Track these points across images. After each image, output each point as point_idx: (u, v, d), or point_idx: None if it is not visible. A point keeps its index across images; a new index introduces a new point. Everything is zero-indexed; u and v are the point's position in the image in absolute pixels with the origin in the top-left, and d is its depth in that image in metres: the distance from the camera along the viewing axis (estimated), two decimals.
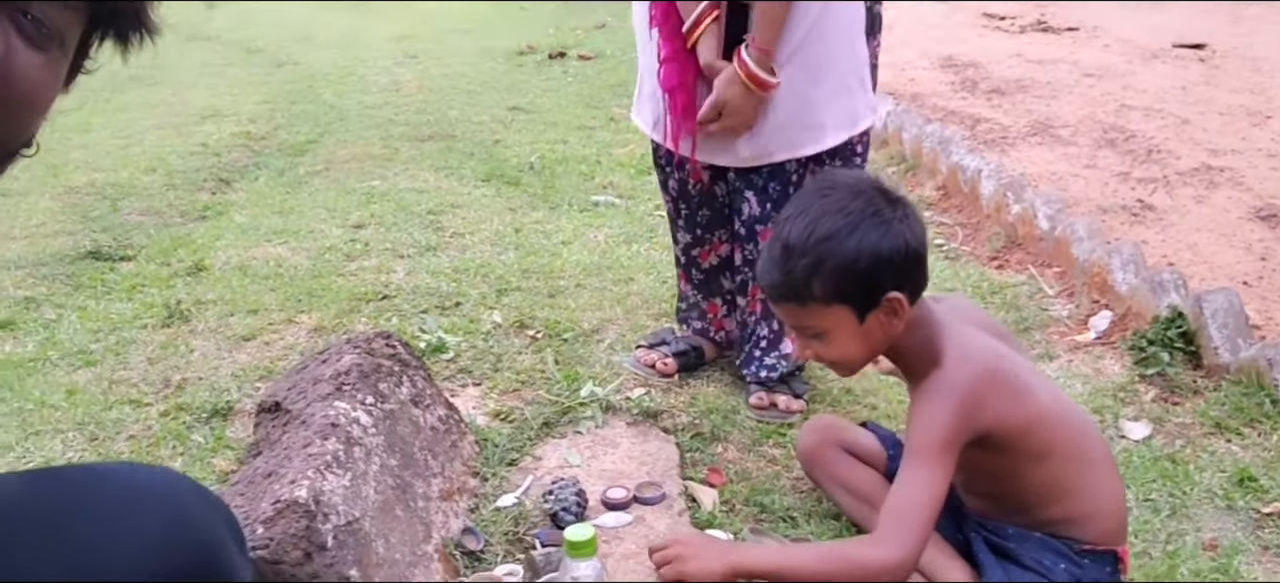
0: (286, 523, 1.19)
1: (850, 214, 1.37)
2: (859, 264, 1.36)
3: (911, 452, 1.41)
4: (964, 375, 1.40)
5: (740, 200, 2.02)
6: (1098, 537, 1.48)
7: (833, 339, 1.43)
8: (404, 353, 1.66)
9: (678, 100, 1.96)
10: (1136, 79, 5.05)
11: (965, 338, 1.47)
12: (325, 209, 3.45)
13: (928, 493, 1.37)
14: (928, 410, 1.41)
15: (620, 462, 1.82)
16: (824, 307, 1.40)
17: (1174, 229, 3.25)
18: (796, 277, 1.39)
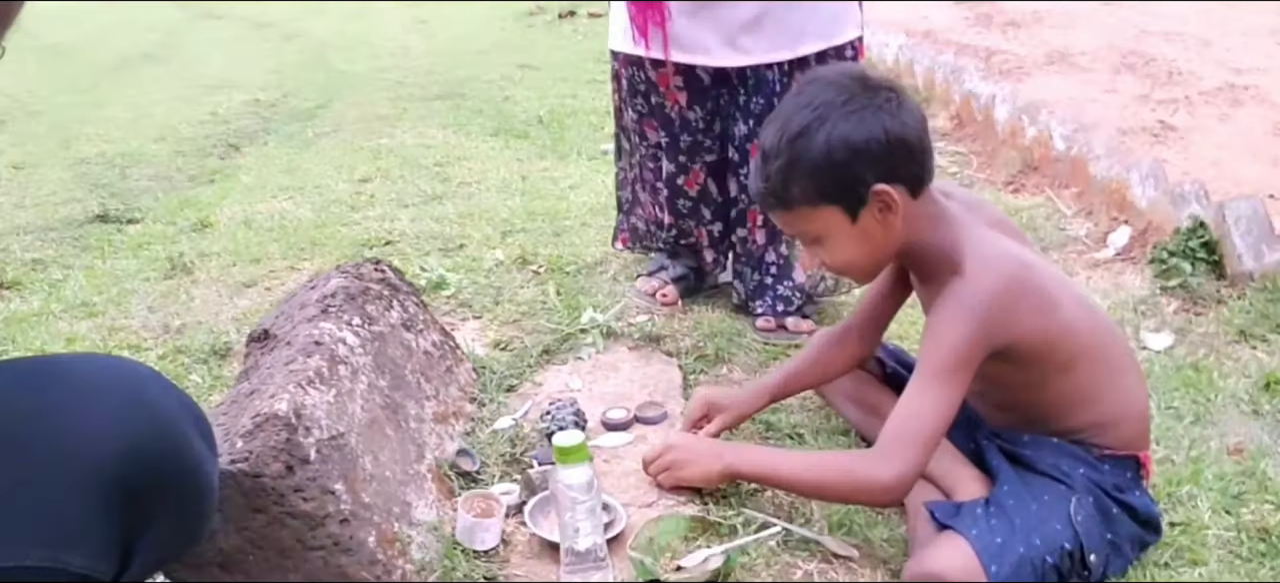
0: (266, 436, 1.17)
1: (819, 107, 1.29)
2: (832, 157, 1.28)
3: (924, 367, 1.32)
4: (985, 287, 1.31)
5: (731, 123, 1.97)
6: (1119, 442, 1.41)
7: (830, 243, 1.36)
8: (394, 279, 1.64)
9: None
10: (1156, 5, 4.92)
11: (986, 243, 1.37)
12: (332, 166, 3.43)
13: (936, 412, 1.30)
14: (944, 324, 1.32)
15: (622, 385, 1.79)
16: (810, 209, 1.33)
17: (1196, 147, 3.16)
18: (775, 181, 1.32)
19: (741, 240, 2.07)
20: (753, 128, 1.92)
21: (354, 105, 4.58)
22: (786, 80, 1.90)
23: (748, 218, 2.04)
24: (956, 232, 1.35)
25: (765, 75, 1.91)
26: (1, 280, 2.45)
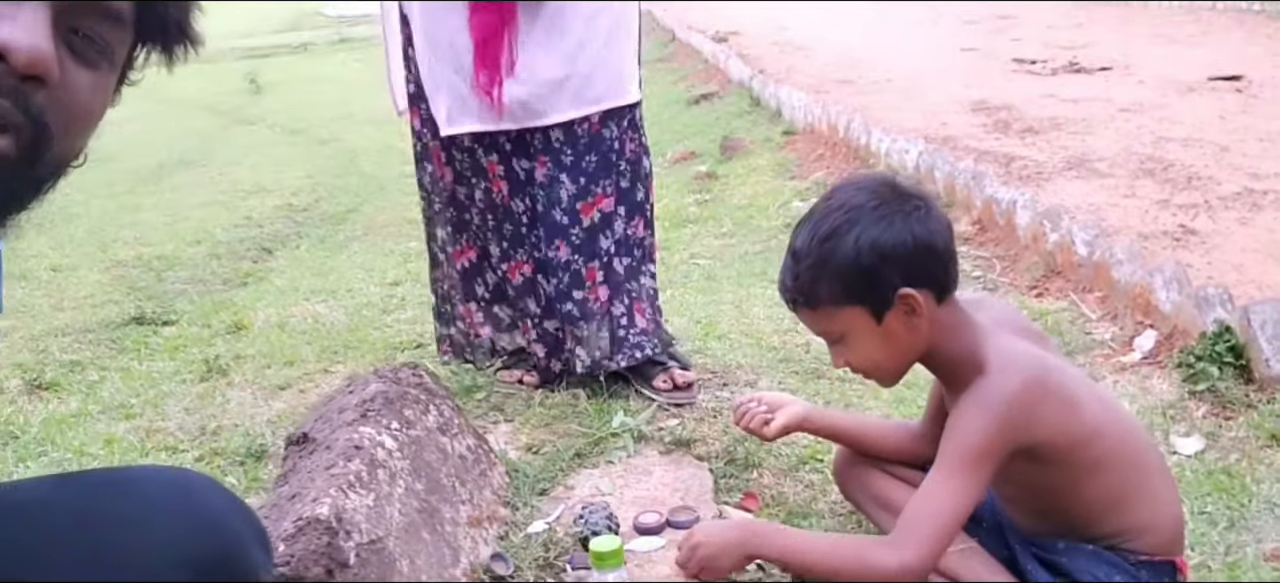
0: (308, 540, 1.18)
1: (851, 211, 1.33)
2: (861, 261, 1.32)
3: (944, 458, 1.34)
4: (1009, 385, 1.33)
5: (556, 188, 2.05)
6: (1154, 548, 1.40)
7: (855, 343, 1.39)
8: (431, 383, 1.67)
9: (491, 50, 1.95)
10: (1173, 111, 5.00)
11: (1010, 346, 1.40)
12: (363, 270, 3.50)
13: (953, 503, 1.31)
14: (966, 418, 1.34)
15: (654, 489, 1.80)
16: (836, 309, 1.36)
17: (1218, 251, 3.17)
18: (804, 280, 1.36)
19: (579, 303, 2.10)
20: (584, 185, 2.04)
21: (383, 209, 4.69)
22: (620, 138, 2.05)
23: (585, 278, 2.09)
24: (980, 337, 1.38)
25: (600, 134, 2.03)
26: (40, 382, 2.50)
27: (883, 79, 6.72)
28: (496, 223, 2.14)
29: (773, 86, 6.41)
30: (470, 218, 2.19)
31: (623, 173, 2.10)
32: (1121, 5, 8.90)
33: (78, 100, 0.77)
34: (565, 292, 2.10)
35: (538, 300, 2.17)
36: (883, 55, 7.66)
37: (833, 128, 5.11)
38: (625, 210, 2.11)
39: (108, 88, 0.81)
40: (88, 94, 0.78)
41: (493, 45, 1.95)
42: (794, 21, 10.44)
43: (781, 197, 4.51)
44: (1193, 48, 6.62)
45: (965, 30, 8.58)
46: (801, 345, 2.55)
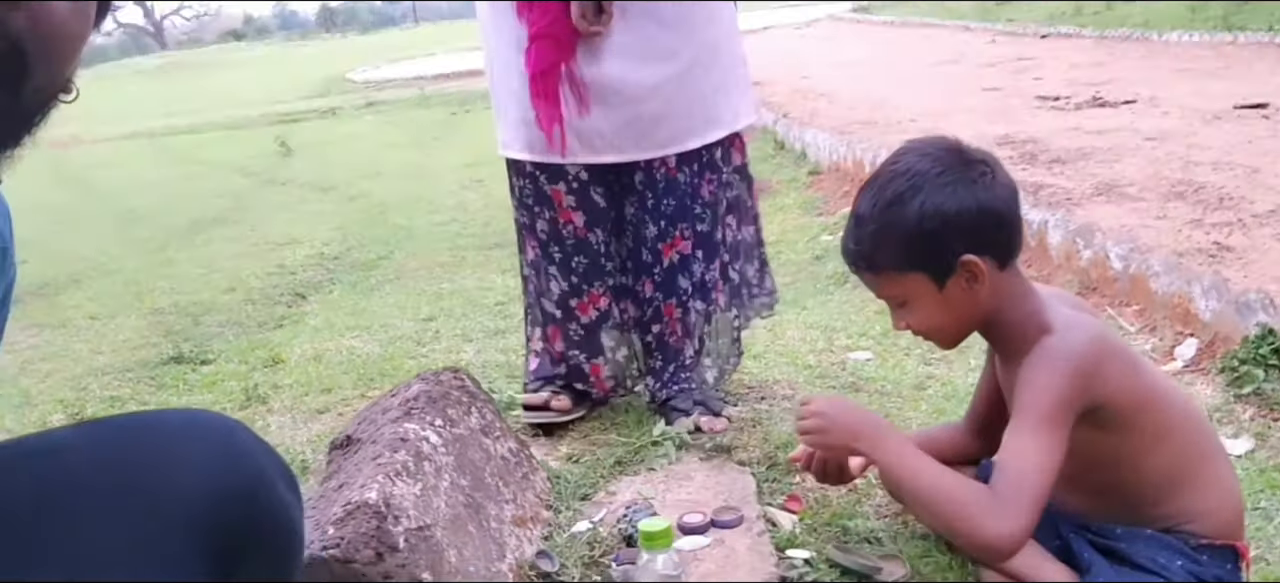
0: (357, 523, 1.18)
1: (914, 176, 1.32)
2: (923, 226, 1.30)
3: (1024, 416, 1.31)
4: (1077, 339, 1.33)
5: (641, 228, 2.01)
6: (1216, 531, 1.36)
7: (916, 308, 1.38)
8: (472, 387, 1.67)
9: (549, 83, 1.88)
10: (1200, 138, 4.98)
11: (1071, 312, 1.40)
12: (396, 308, 3.52)
13: (1044, 459, 1.27)
14: (1040, 373, 1.31)
15: (696, 492, 1.78)
16: (897, 274, 1.36)
17: (1255, 265, 3.14)
18: (866, 245, 1.36)
19: (657, 336, 2.07)
20: (664, 228, 1.99)
21: (414, 256, 4.73)
22: (696, 180, 1.98)
23: (664, 313, 2.05)
24: (1042, 303, 1.38)
25: (676, 179, 1.97)
26: (81, 415, 2.53)
27: (907, 119, 6.74)
28: (565, 255, 2.03)
29: (797, 129, 6.45)
30: (540, 246, 2.09)
31: (700, 217, 2.02)
32: (1142, 43, 8.92)
33: (57, 24, 0.75)
34: (650, 320, 2.08)
35: (613, 330, 2.10)
36: (905, 98, 7.69)
37: (858, 164, 5.13)
38: (703, 253, 2.05)
39: (88, 12, 0.79)
40: (67, 17, 0.76)
41: (551, 79, 1.88)
42: (815, 70, 10.53)
43: (810, 232, 4.51)
44: (1216, 79, 6.60)
45: (986, 72, 8.61)
46: (837, 364, 2.54)
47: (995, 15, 13.13)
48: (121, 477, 0.80)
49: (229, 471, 0.82)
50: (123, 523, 0.79)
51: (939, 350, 2.55)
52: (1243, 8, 9.11)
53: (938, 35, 12.65)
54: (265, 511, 0.84)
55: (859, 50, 12.25)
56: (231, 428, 0.87)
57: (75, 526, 0.78)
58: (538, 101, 1.89)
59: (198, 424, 0.86)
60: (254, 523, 0.83)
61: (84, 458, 0.82)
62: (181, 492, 0.80)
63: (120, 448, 0.82)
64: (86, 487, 0.80)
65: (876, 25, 15.82)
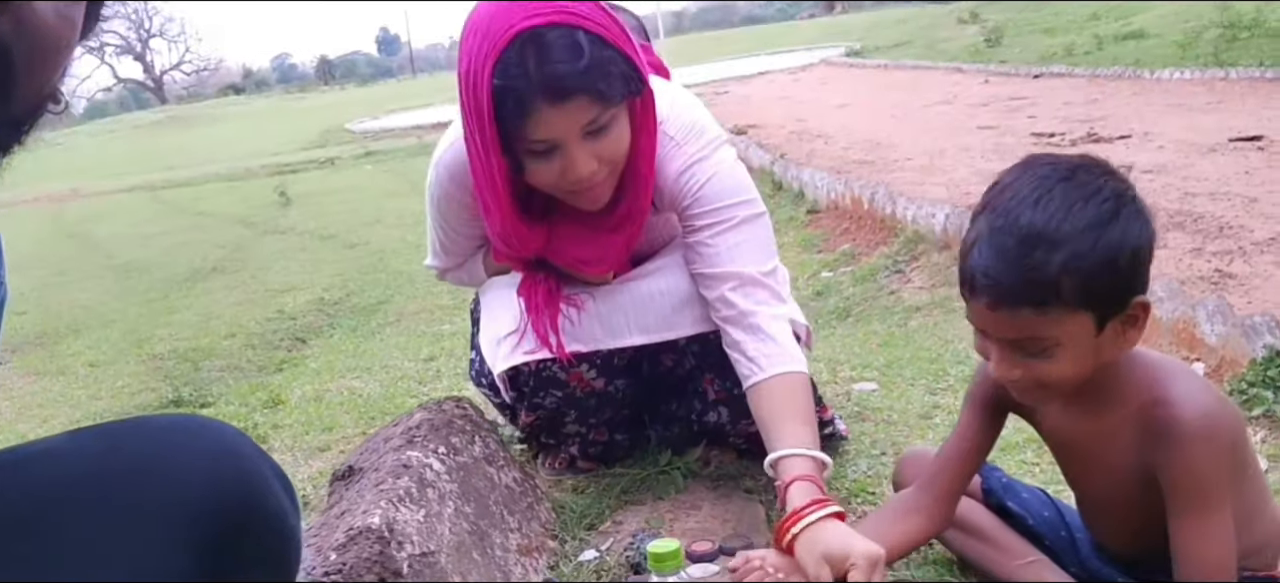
0: (360, 549, 1.16)
1: (1108, 200, 1.12)
2: (1120, 261, 1.12)
3: (1200, 507, 1.18)
4: (1210, 401, 1.20)
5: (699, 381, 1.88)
6: (1260, 564, 1.32)
7: (1063, 354, 1.17)
8: (475, 416, 1.65)
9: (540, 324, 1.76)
10: (1196, 170, 5.00)
11: (1159, 356, 1.27)
12: (397, 349, 3.51)
13: (1228, 541, 1.18)
14: (1198, 456, 1.17)
15: (704, 521, 1.76)
16: (1068, 312, 1.13)
17: (1258, 291, 3.13)
18: (1047, 274, 1.11)
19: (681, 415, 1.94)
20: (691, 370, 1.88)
21: (414, 300, 4.72)
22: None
23: (703, 388, 1.88)
24: (1139, 351, 1.25)
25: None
26: None
27: (903, 158, 6.77)
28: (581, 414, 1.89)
29: (794, 170, 6.47)
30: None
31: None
32: (1133, 81, 8.97)
33: (42, 27, 0.74)
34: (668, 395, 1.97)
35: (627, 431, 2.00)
36: (901, 138, 7.74)
37: (857, 201, 5.14)
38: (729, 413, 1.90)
39: (75, 18, 0.77)
40: (53, 21, 0.74)
41: (543, 317, 1.77)
42: (810, 112, 10.60)
43: (810, 269, 4.52)
44: (1208, 114, 6.64)
45: (981, 111, 8.66)
46: (842, 394, 2.52)
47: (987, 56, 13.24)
48: (115, 480, 0.79)
49: (225, 473, 0.81)
50: (117, 526, 0.77)
51: (944, 380, 2.57)
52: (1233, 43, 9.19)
53: (930, 77, 12.74)
54: (261, 513, 0.82)
55: (853, 93, 12.34)
56: (227, 432, 0.85)
57: (68, 529, 0.76)
58: (535, 329, 1.78)
59: (192, 428, 0.84)
60: (250, 526, 0.82)
61: (77, 462, 0.80)
62: (177, 494, 0.79)
63: (114, 452, 0.81)
64: (79, 490, 0.78)
65: (870, 68, 15.94)
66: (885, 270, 4.10)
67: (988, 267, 1.15)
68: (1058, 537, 1.52)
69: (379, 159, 13.01)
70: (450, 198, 1.81)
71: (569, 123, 1.49)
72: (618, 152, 1.59)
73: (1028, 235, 1.12)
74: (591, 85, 1.47)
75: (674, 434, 1.98)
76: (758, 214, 1.77)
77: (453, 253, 1.97)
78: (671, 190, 1.74)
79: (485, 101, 1.47)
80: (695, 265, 1.74)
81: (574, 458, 1.99)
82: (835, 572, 1.33)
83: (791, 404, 1.62)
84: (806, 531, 1.40)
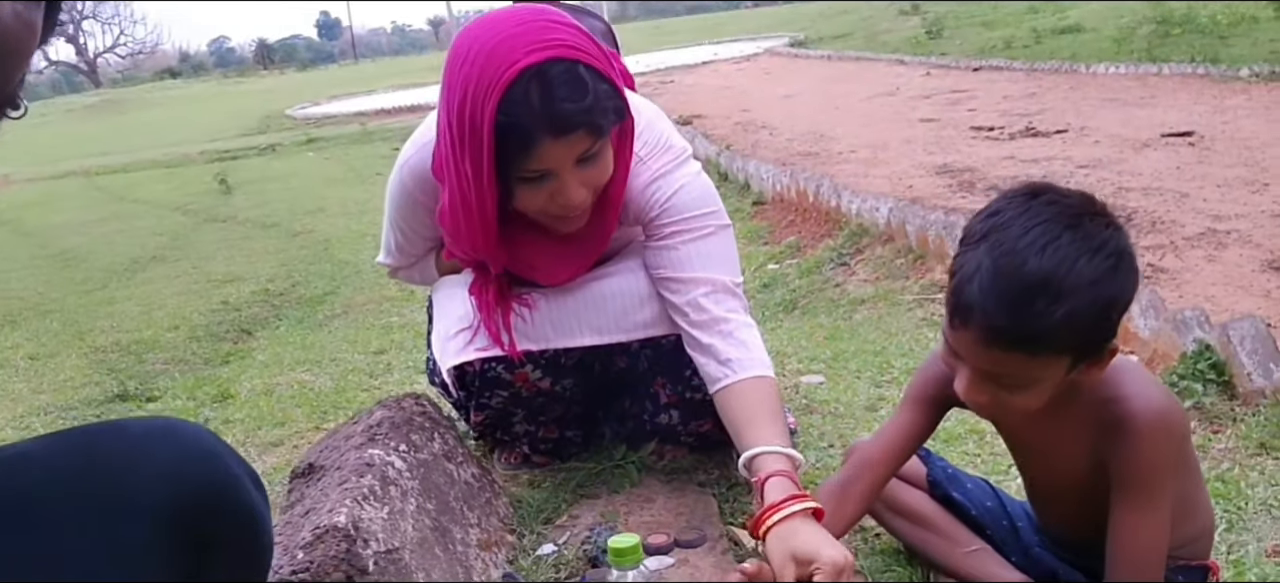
0: (326, 547, 1.18)
1: (1110, 256, 1.13)
2: (1112, 315, 1.15)
3: (1139, 497, 1.23)
4: (1160, 397, 1.25)
5: (650, 383, 1.89)
6: (1194, 554, 1.39)
7: (1036, 390, 1.20)
8: (434, 413, 1.67)
9: (492, 325, 1.77)
10: (1130, 165, 5.16)
11: (1120, 359, 1.29)
12: (346, 342, 3.49)
13: (1164, 534, 1.24)
14: (1144, 449, 1.22)
15: (658, 514, 1.79)
16: (1051, 358, 1.16)
17: (1189, 285, 3.26)
18: (1047, 324, 1.12)
19: (634, 414, 1.94)
20: (644, 373, 1.88)
21: (361, 291, 4.69)
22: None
23: (655, 391, 1.88)
24: None
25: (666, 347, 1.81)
26: None
27: (847, 150, 6.87)
28: (530, 412, 1.90)
29: (740, 161, 6.54)
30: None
31: (693, 385, 1.85)
32: (1070, 75, 9.20)
33: (3, 32, 0.74)
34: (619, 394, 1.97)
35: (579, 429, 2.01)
36: (844, 130, 7.85)
37: (802, 194, 5.22)
38: (680, 415, 1.92)
39: (34, 23, 0.78)
40: (11, 24, 0.74)
41: (495, 315, 1.78)
42: (755, 103, 10.68)
43: (756, 261, 4.58)
44: (1142, 108, 6.84)
45: (922, 104, 8.82)
46: (790, 387, 2.57)
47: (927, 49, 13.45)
48: (87, 481, 0.81)
49: (196, 472, 0.83)
50: (89, 526, 0.79)
51: (889, 372, 2.63)
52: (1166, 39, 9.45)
53: (873, 69, 12.91)
54: (233, 510, 0.84)
55: (798, 84, 12.47)
56: (197, 432, 0.87)
57: (41, 530, 0.77)
58: (484, 311, 1.79)
59: (162, 429, 0.86)
60: (222, 523, 0.83)
61: (48, 465, 0.82)
62: (149, 493, 0.81)
63: (85, 454, 0.82)
64: (51, 492, 0.80)
65: (814, 60, 16.10)
66: (830, 263, 4.17)
67: (987, 306, 1.14)
68: (1000, 526, 1.58)
69: (321, 146, 12.82)
70: (413, 201, 1.84)
71: (566, 154, 1.54)
72: (603, 178, 1.63)
73: (1034, 284, 1.12)
74: (592, 120, 1.52)
75: (628, 430, 2.01)
76: (726, 226, 1.80)
77: (407, 253, 2.00)
78: (638, 202, 1.76)
79: (486, 136, 1.50)
80: (662, 270, 1.76)
81: (527, 454, 2.01)
82: (800, 573, 1.36)
83: (765, 406, 1.65)
84: (780, 524, 1.42)
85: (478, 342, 1.78)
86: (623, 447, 1.99)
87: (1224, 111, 6.33)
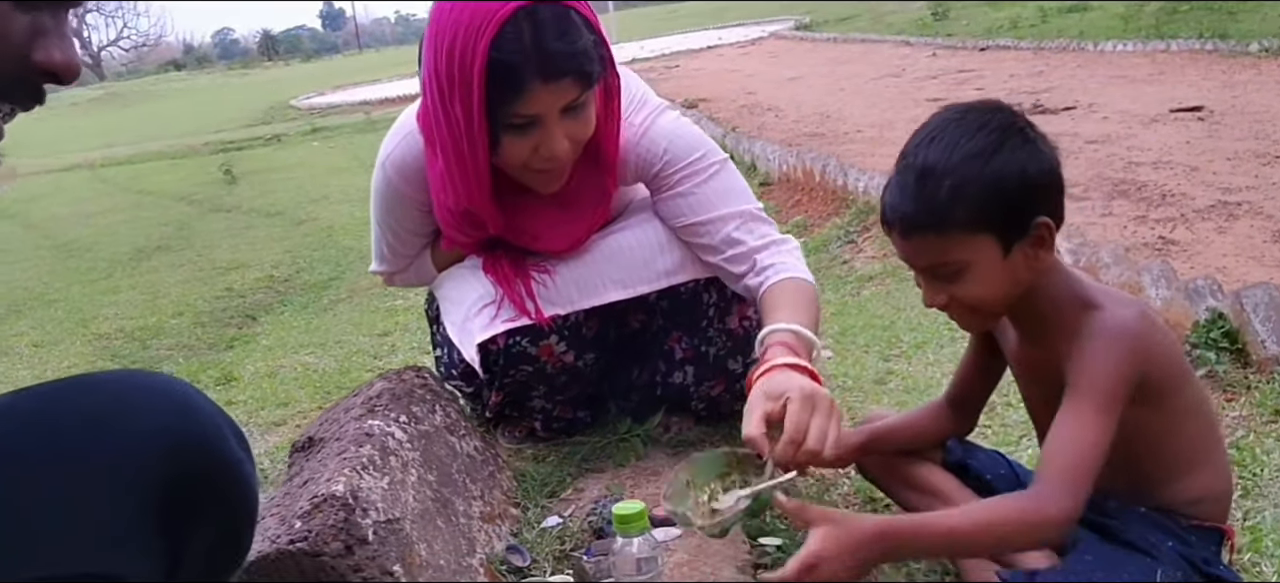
0: (325, 516, 1.16)
1: (993, 132, 1.24)
2: (1007, 184, 1.23)
3: (1080, 398, 1.26)
4: (1131, 314, 1.29)
5: (665, 340, 1.88)
6: (1208, 514, 1.37)
7: (974, 274, 1.28)
8: (435, 385, 1.65)
9: (513, 296, 1.76)
10: (1139, 140, 5.11)
11: (1102, 285, 1.37)
12: (351, 325, 3.48)
13: (1100, 438, 1.25)
14: (1099, 353, 1.26)
15: (664, 486, 1.76)
16: (967, 236, 1.26)
17: (1200, 257, 3.22)
18: (939, 201, 1.24)
19: (643, 382, 1.92)
20: (662, 326, 1.87)
21: (365, 276, 4.66)
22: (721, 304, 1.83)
23: (670, 347, 1.87)
24: (1077, 277, 1.35)
25: (684, 298, 1.81)
26: None
27: (853, 130, 6.83)
28: (551, 389, 1.88)
29: (746, 143, 6.49)
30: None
31: (709, 337, 1.87)
32: (1077, 53, 9.13)
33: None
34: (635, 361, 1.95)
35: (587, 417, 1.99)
36: (850, 111, 7.80)
37: (809, 173, 5.18)
38: (696, 372, 1.91)
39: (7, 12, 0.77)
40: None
41: (516, 285, 1.77)
42: (761, 86, 10.63)
43: None
44: (1151, 85, 6.78)
45: (929, 84, 8.76)
46: None
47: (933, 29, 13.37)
48: (70, 435, 0.79)
49: (180, 426, 0.81)
50: (72, 480, 0.77)
51: (897, 346, 2.60)
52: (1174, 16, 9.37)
53: (879, 50, 12.83)
54: (218, 465, 0.83)
55: (803, 66, 12.40)
56: (181, 387, 0.85)
57: (21, 482, 0.75)
58: (505, 286, 1.78)
59: (148, 384, 0.84)
60: (207, 478, 0.82)
61: (32, 417, 0.79)
62: (133, 448, 0.79)
63: (69, 407, 0.81)
64: (33, 445, 0.78)
65: (820, 42, 16.01)
66: (837, 241, 4.14)
67: (893, 201, 1.30)
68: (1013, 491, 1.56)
69: (326, 135, 12.81)
70: (400, 196, 1.83)
71: (553, 100, 1.54)
72: (586, 133, 1.63)
73: (922, 170, 1.26)
74: (580, 67, 1.53)
75: (633, 403, 1.98)
76: (726, 160, 1.82)
77: (401, 253, 1.97)
78: (635, 159, 1.76)
79: (477, 73, 1.50)
80: (684, 217, 1.75)
81: (535, 429, 1.98)
82: (771, 406, 1.38)
83: (792, 298, 1.64)
84: (766, 375, 1.45)
85: (503, 314, 1.77)
86: (628, 420, 1.96)
87: (1233, 86, 6.27)
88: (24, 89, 0.82)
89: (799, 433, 1.35)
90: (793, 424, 1.35)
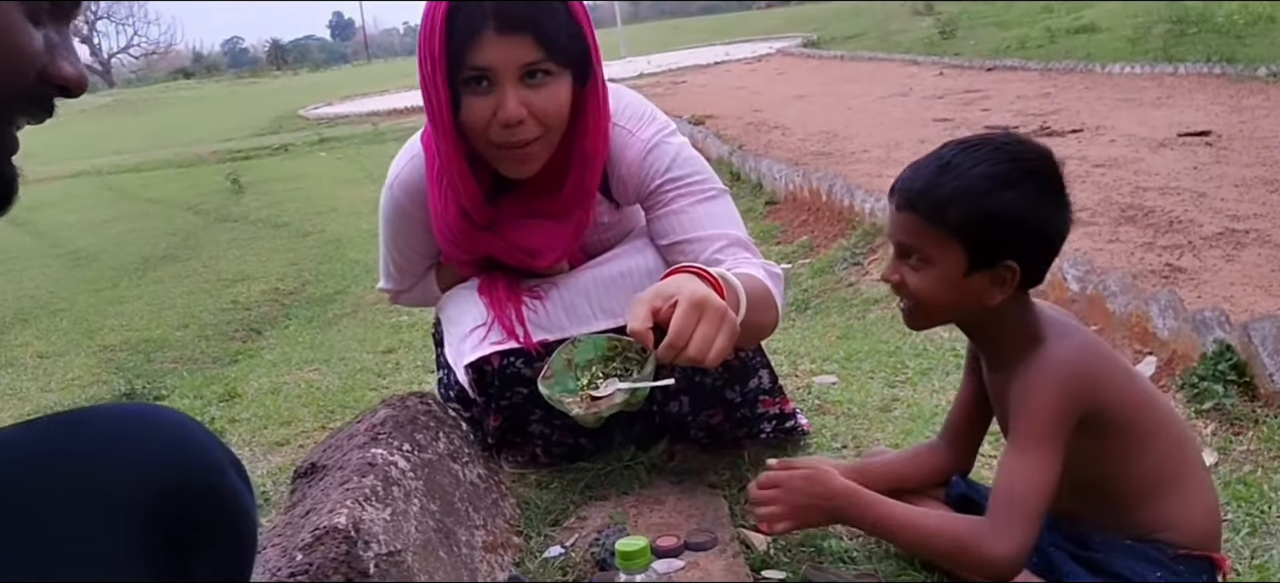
0: (326, 549, 1.15)
1: (1019, 171, 1.31)
2: (999, 218, 1.30)
3: (1020, 435, 1.34)
4: (1070, 348, 1.35)
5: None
6: (1193, 541, 1.38)
7: (932, 272, 1.36)
8: (438, 411, 1.64)
9: (504, 320, 1.76)
10: (1147, 165, 5.09)
11: (1062, 318, 1.43)
12: (355, 341, 3.48)
13: (1041, 476, 1.30)
14: (1034, 391, 1.33)
15: (668, 516, 1.76)
16: (945, 236, 1.33)
17: (1207, 285, 3.21)
18: (941, 195, 1.32)
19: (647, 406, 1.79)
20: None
21: (371, 290, 4.67)
22: None
23: None
24: (1034, 313, 1.40)
25: None
26: None
27: (859, 150, 6.83)
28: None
29: (752, 161, 6.50)
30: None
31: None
32: (1084, 75, 9.12)
33: None
34: None
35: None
36: (857, 130, 7.80)
37: (815, 193, 5.18)
38: (692, 401, 1.89)
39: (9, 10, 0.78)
40: None
41: (507, 309, 1.78)
42: (768, 103, 10.64)
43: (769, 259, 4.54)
44: (1158, 108, 6.77)
45: (936, 104, 8.76)
46: (803, 387, 2.54)
47: (941, 49, 13.37)
48: (69, 470, 0.78)
49: (180, 460, 0.80)
50: (71, 516, 0.76)
51: (903, 372, 2.59)
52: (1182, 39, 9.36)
53: (886, 69, 12.84)
54: (219, 499, 0.82)
55: (810, 84, 12.41)
56: (181, 420, 0.85)
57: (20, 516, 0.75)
58: (496, 308, 1.78)
59: (146, 417, 0.83)
60: (208, 512, 0.81)
61: (30, 453, 0.79)
62: (132, 482, 0.78)
63: (68, 442, 0.80)
64: (32, 480, 0.77)
65: (827, 60, 16.03)
66: (843, 262, 4.13)
67: (908, 173, 1.39)
68: None
69: (333, 146, 12.84)
70: (406, 215, 1.85)
71: (509, 56, 1.54)
72: (550, 110, 1.61)
73: (945, 163, 1.34)
74: (537, 25, 1.53)
75: (636, 431, 1.98)
76: (725, 191, 1.82)
77: (407, 273, 2.00)
78: (636, 175, 1.76)
79: (440, 20, 1.53)
80: (671, 235, 1.74)
81: (537, 455, 1.98)
82: (662, 301, 1.34)
83: (746, 281, 1.57)
84: (667, 277, 1.46)
85: (492, 337, 1.76)
86: (632, 447, 1.95)
87: (1241, 111, 6.25)
88: (38, 103, 0.83)
89: (681, 338, 1.32)
90: (675, 328, 1.32)
